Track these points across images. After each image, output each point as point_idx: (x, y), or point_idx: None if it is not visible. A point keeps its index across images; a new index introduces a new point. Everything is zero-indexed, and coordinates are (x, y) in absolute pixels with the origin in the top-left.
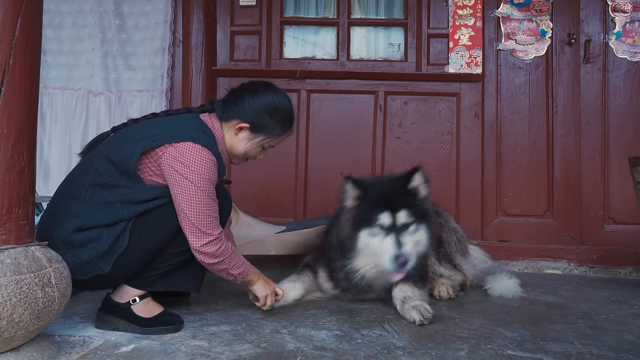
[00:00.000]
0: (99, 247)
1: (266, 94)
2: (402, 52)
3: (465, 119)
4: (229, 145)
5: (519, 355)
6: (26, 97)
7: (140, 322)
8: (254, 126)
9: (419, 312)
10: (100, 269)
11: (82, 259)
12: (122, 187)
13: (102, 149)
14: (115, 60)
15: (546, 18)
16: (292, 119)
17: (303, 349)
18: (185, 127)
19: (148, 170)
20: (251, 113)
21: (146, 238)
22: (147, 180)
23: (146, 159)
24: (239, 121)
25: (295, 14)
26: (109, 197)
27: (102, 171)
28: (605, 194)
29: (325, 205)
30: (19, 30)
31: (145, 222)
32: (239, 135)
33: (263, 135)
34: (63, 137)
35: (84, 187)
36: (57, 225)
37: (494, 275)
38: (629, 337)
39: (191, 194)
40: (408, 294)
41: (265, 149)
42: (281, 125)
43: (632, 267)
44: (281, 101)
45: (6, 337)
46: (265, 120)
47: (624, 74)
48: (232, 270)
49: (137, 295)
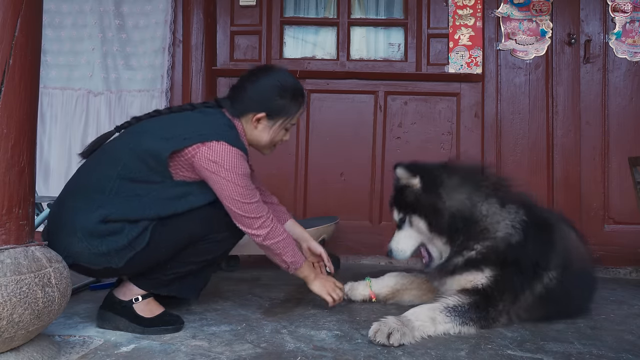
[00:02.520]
0: (119, 242)
1: (268, 77)
2: (402, 52)
3: (465, 119)
4: (251, 139)
5: (519, 355)
6: (26, 97)
7: (141, 322)
8: (270, 113)
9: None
10: (114, 262)
11: (99, 250)
12: (152, 182)
13: (123, 143)
14: (115, 60)
15: (546, 18)
16: (303, 92)
17: (303, 349)
18: (213, 125)
19: (179, 166)
20: (262, 101)
21: (164, 241)
22: (177, 176)
23: (177, 157)
24: (254, 113)
25: (295, 14)
26: (138, 190)
27: (132, 166)
28: (605, 194)
29: (326, 205)
30: (19, 30)
31: (167, 226)
32: (258, 127)
33: (282, 117)
34: (63, 137)
35: (110, 180)
36: (79, 215)
37: None
38: (629, 337)
39: (230, 190)
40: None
41: (288, 130)
42: (295, 102)
43: (632, 267)
44: (285, 78)
45: (6, 337)
46: (279, 102)
47: (624, 74)
48: (285, 257)
49: (140, 295)
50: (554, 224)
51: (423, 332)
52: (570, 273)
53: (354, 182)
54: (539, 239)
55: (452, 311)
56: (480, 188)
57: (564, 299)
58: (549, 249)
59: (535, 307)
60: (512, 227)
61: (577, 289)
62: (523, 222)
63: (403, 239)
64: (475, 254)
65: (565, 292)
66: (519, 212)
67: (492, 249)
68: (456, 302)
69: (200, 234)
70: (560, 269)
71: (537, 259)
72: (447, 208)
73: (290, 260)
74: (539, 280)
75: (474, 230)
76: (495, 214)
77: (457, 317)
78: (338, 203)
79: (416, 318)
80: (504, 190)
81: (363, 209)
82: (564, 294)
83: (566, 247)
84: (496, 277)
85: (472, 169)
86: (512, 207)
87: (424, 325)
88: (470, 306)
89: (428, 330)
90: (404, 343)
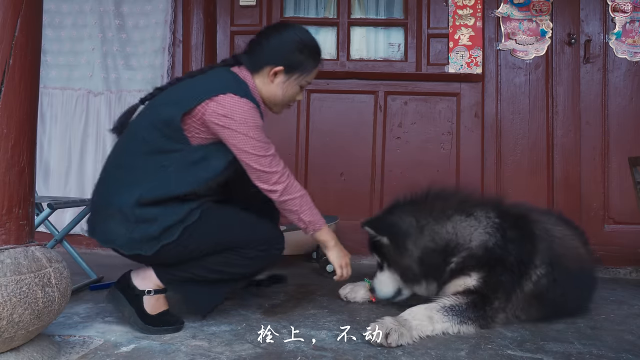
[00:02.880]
0: (151, 231)
1: (288, 32)
2: (402, 52)
3: (465, 119)
4: (266, 95)
5: (519, 355)
6: (26, 97)
7: (144, 318)
8: (288, 66)
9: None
10: (145, 250)
11: (132, 235)
12: (173, 151)
13: (143, 118)
14: (115, 60)
15: (546, 18)
16: (320, 50)
17: (303, 349)
18: (220, 80)
19: (193, 129)
20: (282, 54)
21: (194, 242)
22: (194, 139)
23: (189, 119)
24: (271, 67)
25: (295, 14)
26: (162, 161)
27: (149, 139)
28: (605, 194)
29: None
30: (19, 30)
31: (199, 225)
32: (275, 81)
33: (298, 73)
34: (63, 137)
35: (138, 156)
36: (117, 194)
37: None
38: (629, 337)
39: (243, 143)
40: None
41: (302, 88)
42: (312, 58)
43: (632, 267)
44: (305, 35)
45: (6, 337)
46: (297, 57)
47: (624, 74)
48: (304, 216)
49: (155, 288)
50: (531, 220)
51: (421, 332)
52: (564, 270)
53: (354, 182)
54: (518, 237)
55: (450, 310)
56: (444, 212)
57: (559, 298)
58: (530, 246)
59: (530, 306)
60: (486, 233)
61: (573, 287)
62: (496, 225)
63: (384, 281)
64: (454, 265)
65: (560, 290)
66: (490, 217)
67: (470, 256)
68: (453, 301)
69: (232, 244)
70: (547, 265)
71: (520, 257)
72: (415, 260)
73: (308, 220)
74: (527, 277)
75: (448, 252)
76: (464, 227)
77: (455, 316)
78: (338, 203)
79: (413, 317)
80: (469, 201)
81: (363, 209)
82: (560, 292)
83: (551, 244)
84: (485, 279)
85: (435, 196)
86: (480, 214)
87: (421, 324)
88: (468, 305)
89: (426, 330)
90: (402, 343)
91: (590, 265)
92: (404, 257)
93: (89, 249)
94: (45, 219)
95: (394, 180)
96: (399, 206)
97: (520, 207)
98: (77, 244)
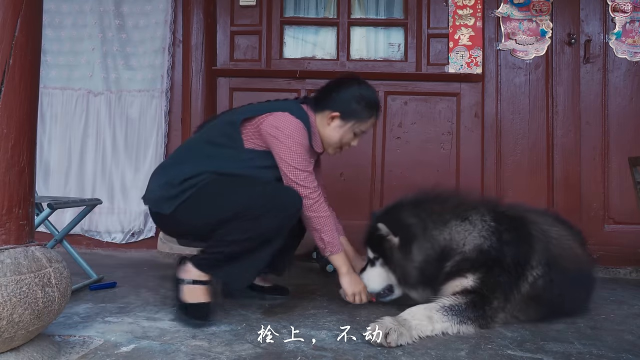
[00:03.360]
0: (172, 192)
1: (352, 86)
2: (402, 52)
3: (465, 119)
4: (322, 135)
5: (519, 355)
6: (26, 97)
7: (179, 302)
8: (344, 113)
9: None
10: (164, 209)
11: (155, 194)
12: (226, 146)
13: (215, 120)
14: (115, 60)
15: (546, 18)
16: (378, 104)
17: (303, 349)
18: (283, 105)
19: (250, 133)
20: (340, 102)
21: (206, 200)
22: (247, 143)
23: (249, 124)
24: (330, 111)
25: (295, 14)
26: (212, 151)
27: (214, 133)
28: (605, 194)
29: None
30: (19, 30)
31: (207, 186)
32: (331, 124)
33: (353, 120)
34: (63, 137)
35: (197, 142)
36: (170, 170)
37: None
38: (629, 337)
39: (285, 154)
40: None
41: (357, 135)
42: (368, 109)
43: (632, 267)
44: (366, 89)
45: (6, 337)
46: (354, 106)
47: (624, 74)
48: (324, 235)
49: (194, 278)
50: (528, 222)
51: (420, 332)
52: (561, 271)
53: (353, 182)
54: (514, 240)
55: (449, 310)
56: (442, 217)
57: (557, 298)
58: (526, 247)
59: (528, 307)
60: (480, 237)
61: (571, 288)
62: (492, 228)
63: (374, 277)
64: (449, 269)
65: (557, 291)
66: (485, 220)
67: (464, 260)
68: (453, 301)
69: (243, 205)
70: (544, 266)
71: (516, 258)
72: (415, 266)
73: (327, 240)
74: (524, 279)
75: (443, 258)
76: (458, 232)
77: (454, 316)
78: (338, 203)
79: (413, 317)
80: (464, 204)
81: (363, 209)
82: (557, 293)
83: (548, 244)
84: (482, 279)
85: (434, 198)
86: (475, 217)
87: (421, 324)
88: (467, 305)
89: (425, 330)
90: (401, 343)
91: (587, 265)
92: (408, 261)
93: (89, 249)
94: (45, 219)
95: (394, 181)
96: (404, 206)
97: (517, 208)
98: (77, 244)
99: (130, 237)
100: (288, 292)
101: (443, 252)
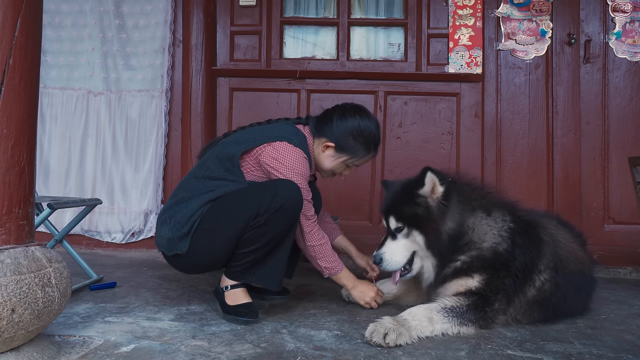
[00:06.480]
0: (183, 230)
1: (353, 118)
2: (402, 52)
3: (465, 119)
4: (317, 159)
5: (519, 355)
6: (26, 97)
7: (224, 307)
8: (339, 146)
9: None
10: (179, 248)
11: (170, 235)
12: (226, 180)
13: (214, 150)
14: (115, 60)
15: (546, 18)
16: (377, 142)
17: (303, 349)
18: (280, 130)
19: (249, 166)
20: (337, 134)
21: (216, 222)
22: (248, 176)
23: (248, 157)
24: (326, 139)
25: (295, 14)
26: (213, 187)
27: (212, 167)
28: (605, 194)
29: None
30: (19, 30)
31: (210, 211)
32: (325, 152)
33: (347, 155)
34: (63, 137)
35: (197, 179)
36: (176, 211)
37: None
38: (629, 337)
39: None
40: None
41: (350, 167)
42: (365, 147)
43: (632, 267)
44: (367, 125)
45: (6, 337)
46: (350, 142)
47: (624, 74)
48: (320, 262)
49: (230, 284)
50: (540, 227)
51: (420, 332)
52: (565, 274)
53: (354, 182)
54: (526, 244)
55: (450, 311)
56: (471, 202)
57: (560, 302)
58: (536, 253)
59: (532, 310)
60: (499, 236)
61: (573, 290)
62: (509, 229)
63: (398, 250)
64: (460, 264)
65: (561, 294)
66: (506, 220)
67: (478, 257)
68: (454, 303)
69: (251, 215)
70: (552, 270)
71: (526, 263)
72: (447, 230)
73: (324, 265)
74: (531, 283)
75: (459, 244)
76: (482, 225)
77: (455, 317)
78: (338, 203)
79: (413, 318)
80: (491, 199)
81: (363, 209)
82: (561, 296)
83: (556, 249)
84: (487, 281)
85: (465, 182)
86: (498, 215)
87: (421, 324)
88: (469, 307)
89: (425, 330)
90: (400, 343)
91: (589, 267)
92: (445, 218)
93: (89, 249)
94: (45, 219)
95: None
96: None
97: (532, 213)
98: (77, 244)
99: (130, 237)
100: (288, 292)
101: (463, 237)
